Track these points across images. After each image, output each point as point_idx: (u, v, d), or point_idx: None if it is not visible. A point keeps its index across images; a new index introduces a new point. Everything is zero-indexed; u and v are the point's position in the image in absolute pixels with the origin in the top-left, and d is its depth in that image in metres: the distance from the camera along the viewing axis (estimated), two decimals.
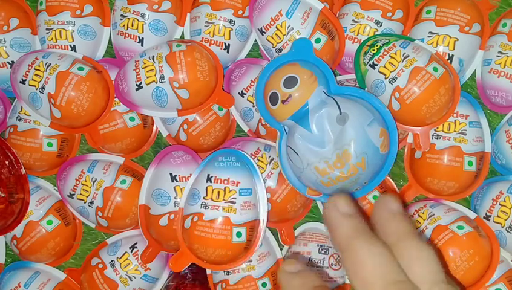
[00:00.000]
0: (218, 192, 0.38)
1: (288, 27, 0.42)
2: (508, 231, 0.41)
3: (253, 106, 0.44)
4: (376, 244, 0.25)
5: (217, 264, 0.41)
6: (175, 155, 0.43)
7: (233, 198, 0.38)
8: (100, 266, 0.43)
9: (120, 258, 0.43)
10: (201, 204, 0.39)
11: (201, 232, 0.39)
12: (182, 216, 0.40)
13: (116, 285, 0.43)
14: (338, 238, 0.25)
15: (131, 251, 0.43)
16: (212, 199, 0.38)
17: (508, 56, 0.42)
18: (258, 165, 0.42)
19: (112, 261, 0.43)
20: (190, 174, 0.41)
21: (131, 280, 0.43)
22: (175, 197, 0.41)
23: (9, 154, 0.45)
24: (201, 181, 0.40)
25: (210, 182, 0.39)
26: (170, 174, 0.42)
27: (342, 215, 0.26)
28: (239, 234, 0.37)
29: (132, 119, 0.45)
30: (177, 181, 0.41)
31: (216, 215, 0.39)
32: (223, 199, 0.38)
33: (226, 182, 0.38)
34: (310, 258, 0.43)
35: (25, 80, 0.43)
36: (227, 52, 0.45)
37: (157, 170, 0.43)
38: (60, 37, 0.44)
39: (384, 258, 0.25)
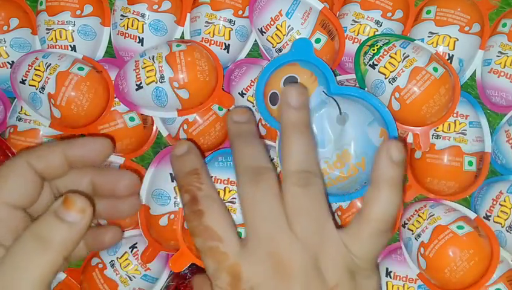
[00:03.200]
0: (219, 192, 0.37)
1: (288, 27, 0.42)
2: (508, 231, 0.41)
3: (254, 106, 0.44)
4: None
5: None
6: None
7: (233, 198, 0.38)
8: (100, 266, 0.43)
9: (120, 258, 0.43)
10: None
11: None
12: (182, 216, 0.40)
13: (116, 285, 0.43)
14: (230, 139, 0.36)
15: (131, 251, 0.43)
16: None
17: (508, 56, 0.42)
18: None
19: (112, 261, 0.43)
20: None
21: (130, 280, 0.43)
22: (175, 197, 0.41)
23: (9, 154, 0.45)
24: None
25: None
26: (170, 174, 0.42)
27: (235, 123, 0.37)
28: (239, 234, 0.37)
29: (132, 119, 0.45)
30: None
31: None
32: (223, 199, 0.37)
33: (225, 182, 0.38)
34: None
35: (25, 80, 0.43)
36: (227, 52, 0.45)
37: (156, 170, 0.43)
38: (60, 37, 0.44)
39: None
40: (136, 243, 0.44)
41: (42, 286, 0.27)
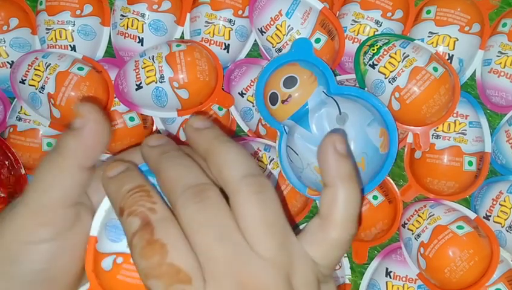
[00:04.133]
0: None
1: (288, 27, 0.42)
2: (508, 231, 0.41)
3: (253, 106, 0.44)
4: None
5: None
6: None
7: None
8: None
9: None
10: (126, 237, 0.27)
11: (128, 278, 0.28)
12: (95, 251, 0.29)
13: None
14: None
15: None
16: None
17: (508, 56, 0.42)
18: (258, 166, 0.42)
19: None
20: None
21: None
22: None
23: (9, 154, 0.45)
24: None
25: None
26: None
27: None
28: None
29: (132, 119, 0.45)
30: None
31: None
32: None
33: None
34: None
35: (25, 80, 0.43)
36: (227, 52, 0.45)
37: None
38: (60, 36, 0.44)
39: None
40: None
41: (67, 197, 0.27)
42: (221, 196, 0.26)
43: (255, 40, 0.45)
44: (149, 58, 0.42)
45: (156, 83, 0.42)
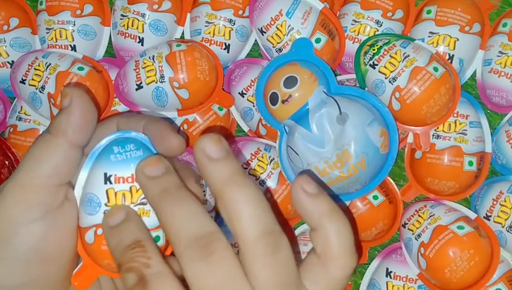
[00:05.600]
0: (124, 194, 0.29)
1: (288, 27, 0.42)
2: (508, 231, 0.41)
3: (254, 106, 0.44)
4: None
5: None
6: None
7: (143, 198, 0.29)
8: None
9: None
10: (105, 213, 0.29)
11: None
12: (79, 227, 0.30)
13: None
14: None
15: None
16: (117, 204, 0.29)
17: (508, 56, 0.42)
18: (258, 166, 0.42)
19: None
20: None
21: None
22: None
23: (9, 154, 0.45)
24: (97, 183, 0.30)
25: (110, 183, 0.29)
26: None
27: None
28: (157, 238, 0.29)
29: None
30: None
31: None
32: (132, 202, 0.29)
33: (130, 180, 0.29)
34: None
35: (25, 80, 0.43)
36: (227, 52, 0.45)
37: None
38: (60, 36, 0.44)
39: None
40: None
41: (57, 175, 0.28)
42: (229, 245, 0.25)
43: (256, 40, 0.45)
44: (150, 58, 0.42)
45: (156, 82, 0.42)
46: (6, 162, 0.45)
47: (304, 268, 0.27)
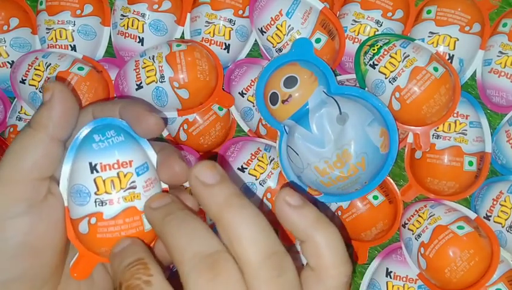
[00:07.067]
0: (112, 181, 0.29)
1: (288, 27, 0.42)
2: (508, 231, 0.41)
3: (254, 106, 0.44)
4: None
5: None
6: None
7: (132, 182, 0.29)
8: None
9: None
10: (96, 202, 0.29)
11: (107, 233, 0.30)
12: (70, 219, 0.31)
13: None
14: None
15: None
16: (106, 192, 0.29)
17: (508, 56, 0.42)
18: (258, 166, 0.42)
19: None
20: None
21: None
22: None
23: None
24: (83, 173, 0.30)
25: (97, 171, 0.29)
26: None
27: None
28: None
29: None
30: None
31: (120, 209, 0.29)
32: (121, 188, 0.29)
33: (116, 166, 0.29)
34: None
35: (25, 80, 0.43)
36: (228, 52, 0.45)
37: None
38: (60, 36, 0.44)
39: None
40: None
41: (38, 169, 0.28)
42: (235, 264, 0.24)
43: (256, 40, 0.45)
44: (150, 58, 0.42)
45: (156, 82, 0.42)
46: None
47: (302, 283, 0.26)
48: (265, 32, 0.43)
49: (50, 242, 0.30)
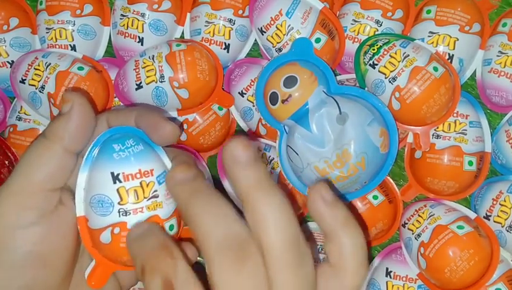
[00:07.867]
0: (135, 191, 0.29)
1: (288, 27, 0.42)
2: (508, 231, 0.41)
3: (254, 106, 0.44)
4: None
5: None
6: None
7: (154, 191, 0.30)
8: None
9: None
10: (120, 212, 0.29)
11: None
12: (89, 229, 0.31)
13: None
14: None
15: None
16: (130, 201, 0.29)
17: (508, 56, 0.42)
18: None
19: None
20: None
21: None
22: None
23: (9, 154, 0.45)
24: (105, 183, 0.30)
25: (120, 181, 0.29)
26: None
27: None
28: (171, 227, 0.30)
29: None
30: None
31: (143, 218, 0.30)
32: (144, 197, 0.29)
33: (139, 175, 0.29)
34: None
35: (25, 80, 0.43)
36: (227, 51, 0.45)
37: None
38: (60, 36, 0.44)
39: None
40: None
41: (51, 180, 0.28)
42: (258, 250, 0.24)
43: (255, 40, 0.45)
44: (149, 58, 0.42)
45: (156, 82, 0.42)
46: (6, 162, 0.45)
47: (317, 277, 0.26)
48: (265, 32, 0.43)
49: (59, 252, 0.30)
